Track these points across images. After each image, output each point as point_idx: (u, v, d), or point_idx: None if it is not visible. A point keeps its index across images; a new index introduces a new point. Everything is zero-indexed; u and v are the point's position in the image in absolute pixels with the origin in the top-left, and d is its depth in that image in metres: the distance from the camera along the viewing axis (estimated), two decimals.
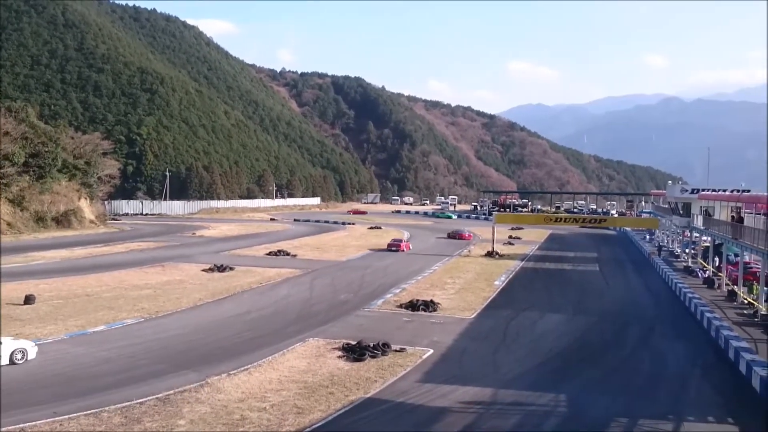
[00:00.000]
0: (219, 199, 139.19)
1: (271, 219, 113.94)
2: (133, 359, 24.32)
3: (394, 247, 64.84)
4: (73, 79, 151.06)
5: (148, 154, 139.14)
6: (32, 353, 23.54)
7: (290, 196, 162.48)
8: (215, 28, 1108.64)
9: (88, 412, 18.48)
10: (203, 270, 47.18)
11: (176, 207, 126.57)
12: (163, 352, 25.57)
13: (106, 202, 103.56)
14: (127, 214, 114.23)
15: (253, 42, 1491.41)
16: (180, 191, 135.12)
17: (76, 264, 49.91)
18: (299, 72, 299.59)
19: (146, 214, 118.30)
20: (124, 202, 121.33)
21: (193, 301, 35.90)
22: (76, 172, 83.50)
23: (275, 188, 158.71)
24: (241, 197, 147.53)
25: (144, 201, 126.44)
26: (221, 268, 47.38)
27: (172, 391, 20.43)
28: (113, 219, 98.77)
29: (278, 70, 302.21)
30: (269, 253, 59.01)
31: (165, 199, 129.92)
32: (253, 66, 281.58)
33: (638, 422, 19.57)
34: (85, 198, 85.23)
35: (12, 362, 22.80)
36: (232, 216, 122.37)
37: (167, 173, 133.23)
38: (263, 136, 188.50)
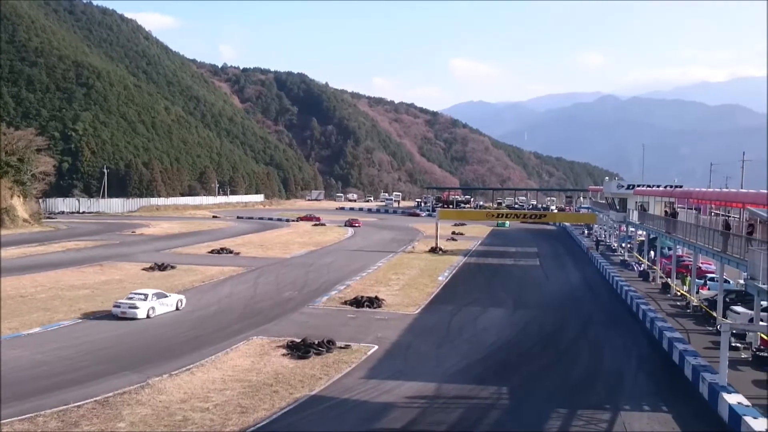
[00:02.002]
0: (160, 196, 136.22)
1: (214, 216, 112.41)
2: (71, 361, 23.70)
3: (356, 224, 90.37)
4: (5, 73, 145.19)
5: (85, 150, 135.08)
6: (184, 302, 33.86)
7: (233, 193, 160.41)
8: (154, 22, 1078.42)
9: (23, 416, 17.97)
10: (143, 269, 46.31)
11: (115, 205, 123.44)
12: (102, 353, 25.00)
13: (40, 200, 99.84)
14: (63, 213, 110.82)
15: (193, 37, 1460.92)
16: (119, 188, 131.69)
17: (9, 264, 48.08)
18: (241, 68, 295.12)
19: (83, 213, 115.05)
20: (59, 200, 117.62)
21: None
22: (8, 170, 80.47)
23: (217, 185, 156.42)
24: (182, 194, 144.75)
25: (81, 199, 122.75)
26: (162, 267, 46.62)
27: (111, 393, 20.03)
28: (48, 217, 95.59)
29: (220, 66, 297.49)
30: (212, 251, 58.28)
31: (103, 196, 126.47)
32: (193, 61, 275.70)
33: (577, 413, 20.12)
34: (19, 196, 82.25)
35: (177, 308, 33.06)
36: (173, 214, 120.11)
37: (105, 170, 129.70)
38: (205, 132, 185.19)
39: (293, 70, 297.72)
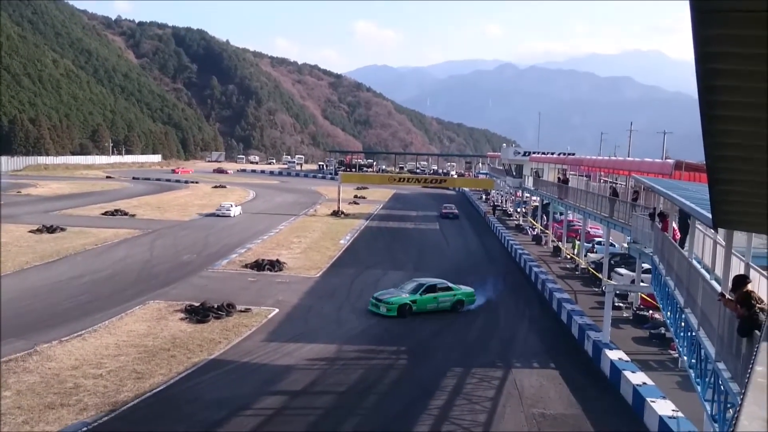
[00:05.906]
0: (48, 155, 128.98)
1: (108, 177, 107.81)
2: None
3: None
4: None
5: None
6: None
7: (128, 152, 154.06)
8: None
9: None
10: (30, 231, 43.93)
11: None
12: None
13: None
14: None
15: None
16: (2, 146, 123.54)
17: None
18: (137, 21, 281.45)
19: None
20: None
21: (19, 264, 33.51)
22: None
23: (111, 144, 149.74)
24: (73, 153, 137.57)
25: None
26: (51, 229, 44.45)
27: None
28: None
29: (114, 18, 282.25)
30: (105, 213, 56.08)
31: None
32: (84, 12, 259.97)
33: (471, 370, 20.96)
34: None
35: (241, 213, 59.10)
36: (63, 173, 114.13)
37: None
38: (97, 88, 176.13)
39: (192, 26, 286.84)
